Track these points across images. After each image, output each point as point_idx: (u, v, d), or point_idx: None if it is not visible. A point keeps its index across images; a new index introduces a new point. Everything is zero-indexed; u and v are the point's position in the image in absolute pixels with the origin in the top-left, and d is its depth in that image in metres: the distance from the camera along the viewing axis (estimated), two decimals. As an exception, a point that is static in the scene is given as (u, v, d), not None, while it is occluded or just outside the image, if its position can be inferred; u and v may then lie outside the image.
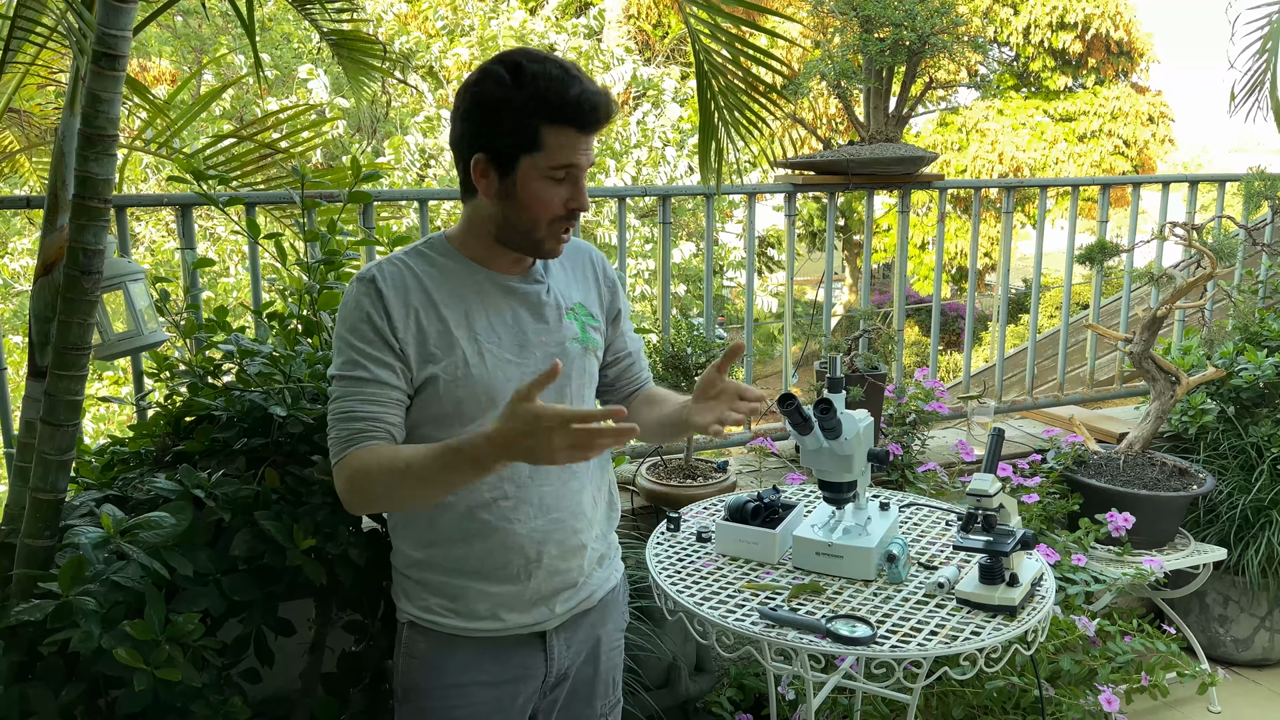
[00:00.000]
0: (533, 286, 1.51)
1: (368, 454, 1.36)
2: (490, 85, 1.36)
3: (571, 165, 1.38)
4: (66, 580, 1.55)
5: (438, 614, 1.51)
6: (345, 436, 1.38)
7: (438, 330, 1.42)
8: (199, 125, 7.18)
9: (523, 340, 1.48)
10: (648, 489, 2.67)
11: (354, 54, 2.61)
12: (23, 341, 6.16)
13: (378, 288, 1.41)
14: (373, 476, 1.35)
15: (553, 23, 8.80)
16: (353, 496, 1.38)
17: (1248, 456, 3.18)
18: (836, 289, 11.74)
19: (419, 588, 1.52)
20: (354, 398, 1.39)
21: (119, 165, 1.77)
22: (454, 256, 1.48)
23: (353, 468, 1.36)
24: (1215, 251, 2.97)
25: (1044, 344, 5.84)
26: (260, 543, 1.75)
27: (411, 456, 1.33)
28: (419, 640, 1.53)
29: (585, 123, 1.37)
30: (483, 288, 1.47)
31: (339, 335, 1.43)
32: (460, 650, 1.51)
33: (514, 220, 1.42)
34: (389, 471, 1.33)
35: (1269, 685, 3.17)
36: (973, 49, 3.49)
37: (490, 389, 1.44)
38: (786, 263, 3.31)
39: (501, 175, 1.39)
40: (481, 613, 1.49)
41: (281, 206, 2.55)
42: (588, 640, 1.62)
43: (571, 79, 1.35)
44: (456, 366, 1.42)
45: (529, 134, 1.36)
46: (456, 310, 1.44)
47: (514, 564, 1.49)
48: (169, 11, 2.35)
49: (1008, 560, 1.79)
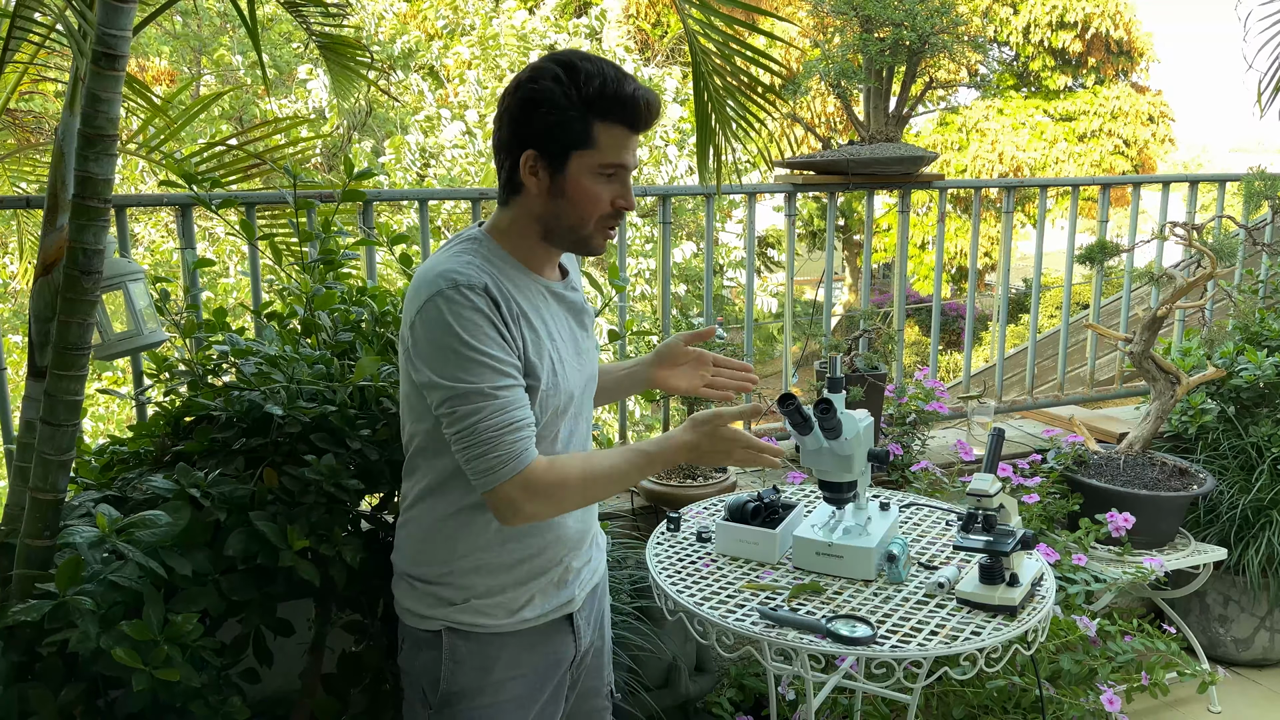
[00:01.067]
0: (575, 295, 1.56)
1: (552, 465, 1.40)
2: (545, 82, 1.37)
3: (621, 165, 1.41)
4: (64, 580, 1.55)
5: (482, 614, 1.51)
6: (518, 451, 1.36)
7: (532, 339, 1.43)
8: (198, 126, 7.18)
9: (577, 347, 1.54)
10: (648, 489, 2.67)
11: (341, 58, 2.62)
12: (23, 341, 6.16)
13: (492, 296, 1.38)
14: (570, 487, 1.41)
15: (552, 22, 8.80)
16: (539, 503, 1.39)
17: (1248, 456, 3.18)
18: (836, 289, 11.73)
19: (459, 592, 1.51)
20: (512, 407, 1.37)
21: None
22: (508, 260, 1.47)
23: (549, 476, 1.38)
24: (1215, 251, 2.97)
25: (1044, 344, 5.85)
26: (254, 543, 1.75)
27: (607, 464, 1.43)
28: (460, 644, 1.52)
29: (637, 121, 1.40)
30: (545, 296, 1.50)
31: (461, 344, 1.35)
32: (506, 647, 1.53)
33: (563, 217, 1.43)
34: (585, 482, 1.42)
35: (1269, 685, 3.17)
36: (973, 49, 3.49)
37: (570, 395, 1.50)
38: (786, 263, 3.31)
39: (553, 172, 1.40)
40: (522, 604, 1.52)
41: (279, 207, 2.55)
42: (598, 614, 1.70)
43: (626, 78, 1.38)
44: (549, 375, 1.45)
45: (582, 130, 1.37)
46: (537, 317, 1.46)
47: (559, 554, 1.55)
48: (168, 12, 2.35)
49: (1008, 560, 1.79)
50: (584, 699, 1.70)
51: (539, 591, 1.53)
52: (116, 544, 1.62)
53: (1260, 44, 3.34)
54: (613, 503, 2.74)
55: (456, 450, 1.38)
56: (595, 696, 1.74)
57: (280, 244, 2.31)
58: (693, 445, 1.45)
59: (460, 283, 1.36)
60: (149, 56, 8.91)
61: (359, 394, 1.95)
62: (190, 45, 9.17)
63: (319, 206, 2.24)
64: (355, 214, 2.72)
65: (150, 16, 2.13)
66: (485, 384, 1.35)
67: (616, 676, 2.26)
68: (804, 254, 13.55)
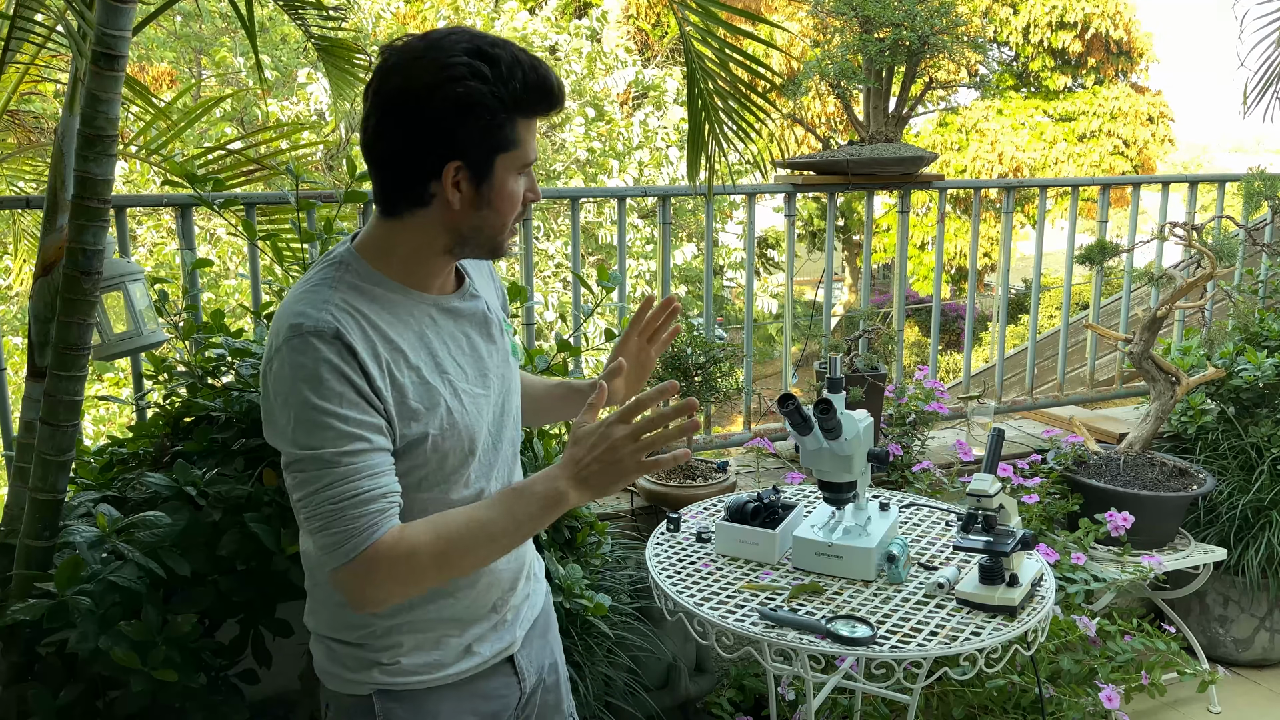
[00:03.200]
0: (474, 303, 1.35)
1: (400, 538, 1.18)
2: (472, 83, 1.17)
3: (533, 157, 1.27)
4: (63, 580, 1.55)
5: (415, 673, 1.35)
6: (363, 526, 1.16)
7: (414, 381, 1.24)
8: (199, 127, 7.18)
9: (482, 369, 1.34)
10: (647, 489, 2.67)
11: (339, 60, 2.62)
12: (22, 342, 6.16)
13: (347, 342, 1.17)
14: (421, 561, 1.18)
15: (553, 23, 8.80)
16: (382, 587, 1.18)
17: (1248, 457, 3.18)
18: (836, 289, 11.73)
19: (388, 652, 1.34)
20: (359, 475, 1.17)
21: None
22: (384, 282, 1.26)
23: (392, 555, 1.17)
24: (1215, 251, 2.97)
25: (1044, 344, 5.84)
26: (248, 544, 1.74)
27: (465, 518, 1.21)
28: (396, 707, 1.35)
29: (555, 108, 1.25)
30: (433, 317, 1.29)
31: (304, 404, 1.16)
32: (444, 701, 1.38)
33: (484, 227, 1.25)
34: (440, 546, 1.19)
35: (1269, 685, 3.16)
36: (972, 49, 3.49)
37: (471, 432, 1.30)
38: (786, 263, 3.31)
39: (478, 182, 1.22)
40: (458, 655, 1.38)
41: (280, 208, 2.55)
42: (543, 650, 1.54)
43: (537, 61, 1.22)
44: (441, 418, 1.25)
45: (510, 131, 1.21)
46: (420, 350, 1.26)
47: (494, 599, 1.40)
48: (168, 12, 2.35)
49: (1008, 560, 1.79)
50: None
51: (475, 640, 1.39)
52: (116, 544, 1.63)
53: (1254, 43, 3.35)
54: (612, 503, 2.74)
55: (301, 521, 1.20)
56: None
57: (281, 245, 2.32)
58: (564, 459, 1.19)
59: (307, 329, 1.16)
60: (150, 61, 8.91)
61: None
62: (191, 46, 9.17)
63: (319, 207, 2.24)
64: (356, 215, 2.72)
65: (150, 17, 2.13)
66: (328, 449, 1.15)
67: (616, 677, 2.26)
68: (804, 254, 13.56)
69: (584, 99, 8.67)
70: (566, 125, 8.40)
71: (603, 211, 8.18)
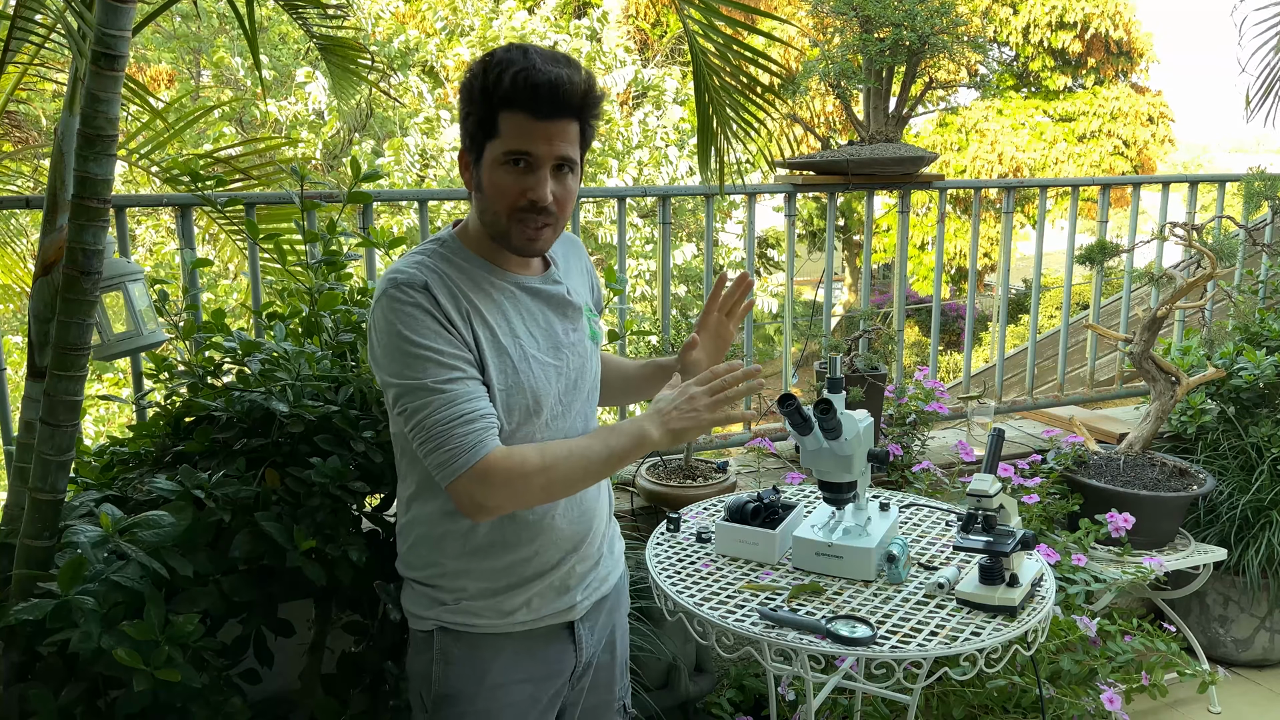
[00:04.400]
0: (556, 288, 1.52)
1: (510, 453, 1.35)
2: (467, 77, 1.37)
3: (526, 153, 1.35)
4: (66, 580, 1.55)
5: (476, 615, 1.48)
6: (472, 443, 1.32)
7: (488, 337, 1.41)
8: (197, 128, 7.18)
9: (556, 342, 1.49)
10: (648, 489, 2.67)
11: (342, 60, 2.62)
12: (22, 342, 6.15)
13: (433, 294, 1.36)
14: (529, 474, 1.35)
15: (552, 23, 8.80)
16: (496, 495, 1.34)
17: (1248, 457, 3.18)
18: (836, 289, 11.73)
19: (453, 594, 1.49)
20: (462, 399, 1.33)
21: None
22: (472, 259, 1.45)
23: (505, 466, 1.33)
24: (1215, 252, 2.97)
25: (1044, 344, 5.84)
26: (260, 544, 1.75)
27: (568, 446, 1.39)
28: (453, 645, 1.49)
29: (537, 106, 1.33)
30: (514, 292, 1.46)
31: (404, 341, 1.34)
32: (501, 649, 1.50)
33: (485, 212, 1.42)
34: (546, 466, 1.35)
35: (1269, 685, 3.17)
36: (972, 49, 3.49)
37: (537, 394, 1.44)
38: (786, 263, 3.31)
39: (475, 167, 1.40)
40: (517, 606, 1.49)
41: (279, 209, 2.55)
42: (606, 627, 1.64)
43: (541, 66, 1.32)
44: (508, 373, 1.41)
45: (489, 120, 1.35)
46: (497, 314, 1.43)
47: (555, 557, 1.50)
48: (167, 12, 2.35)
49: (1008, 561, 1.79)
50: (591, 714, 1.66)
51: (536, 595, 1.50)
52: (119, 544, 1.63)
53: (1254, 48, 3.35)
54: (613, 503, 2.74)
55: (415, 448, 1.36)
56: (606, 711, 1.69)
57: (284, 244, 2.32)
58: (656, 411, 1.39)
59: (401, 281, 1.36)
60: (149, 62, 8.90)
61: (360, 395, 1.95)
62: (189, 46, 9.17)
63: (321, 207, 2.24)
64: (355, 215, 2.72)
65: (150, 17, 2.13)
66: (429, 379, 1.33)
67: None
68: (804, 254, 13.55)
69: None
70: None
71: (602, 211, 8.18)
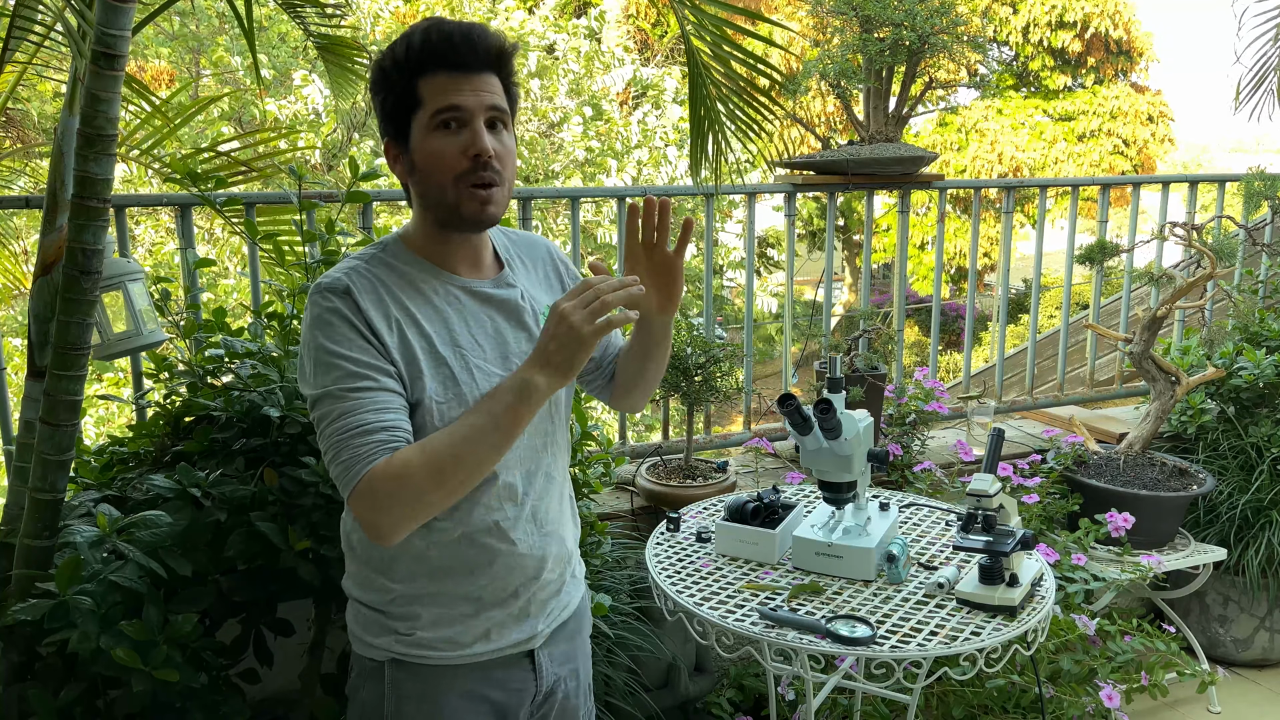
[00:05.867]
0: (507, 292, 1.42)
1: (391, 460, 1.23)
2: (375, 63, 1.33)
3: (455, 107, 1.28)
4: (64, 580, 1.55)
5: (429, 648, 1.38)
6: (365, 453, 1.23)
7: (425, 346, 1.32)
8: (196, 127, 7.17)
9: (505, 351, 1.39)
10: (647, 489, 2.67)
11: (339, 59, 2.62)
12: (22, 342, 6.15)
13: (354, 300, 1.29)
14: (414, 476, 1.22)
15: (551, 23, 8.79)
16: (388, 512, 1.23)
17: (1248, 456, 3.18)
18: (836, 289, 11.74)
19: (405, 622, 1.39)
20: (365, 409, 1.25)
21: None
22: (415, 262, 1.37)
23: (386, 476, 1.22)
24: (1215, 251, 2.97)
25: (1044, 344, 5.84)
26: (255, 543, 1.75)
27: (452, 432, 1.25)
28: (407, 679, 1.40)
29: (452, 56, 1.28)
30: (458, 296, 1.38)
31: (319, 349, 1.28)
32: (457, 682, 1.40)
33: (428, 193, 1.33)
34: (430, 456, 1.23)
35: (1269, 685, 3.17)
36: (972, 49, 3.49)
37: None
38: (786, 263, 3.31)
39: (404, 150, 1.33)
40: (475, 637, 1.40)
41: (278, 208, 2.55)
42: (569, 651, 1.54)
43: (442, 25, 1.29)
44: (446, 384, 1.32)
45: (408, 91, 1.29)
46: (436, 322, 1.35)
47: (515, 584, 1.41)
48: (166, 12, 2.35)
49: (1008, 560, 1.79)
50: None
51: (495, 625, 1.40)
52: (117, 544, 1.63)
53: (1251, 39, 3.35)
54: (612, 503, 2.74)
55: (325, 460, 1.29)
56: None
57: (282, 245, 2.32)
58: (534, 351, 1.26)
59: (324, 286, 1.30)
60: (147, 59, 8.90)
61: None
62: (188, 46, 9.16)
63: (319, 207, 2.24)
64: (355, 214, 2.72)
65: (149, 16, 2.13)
66: (336, 386, 1.26)
67: (616, 677, 2.26)
68: (804, 254, 13.55)
69: (582, 98, 8.66)
70: (565, 125, 8.39)
71: (601, 211, 8.17)
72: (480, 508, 1.36)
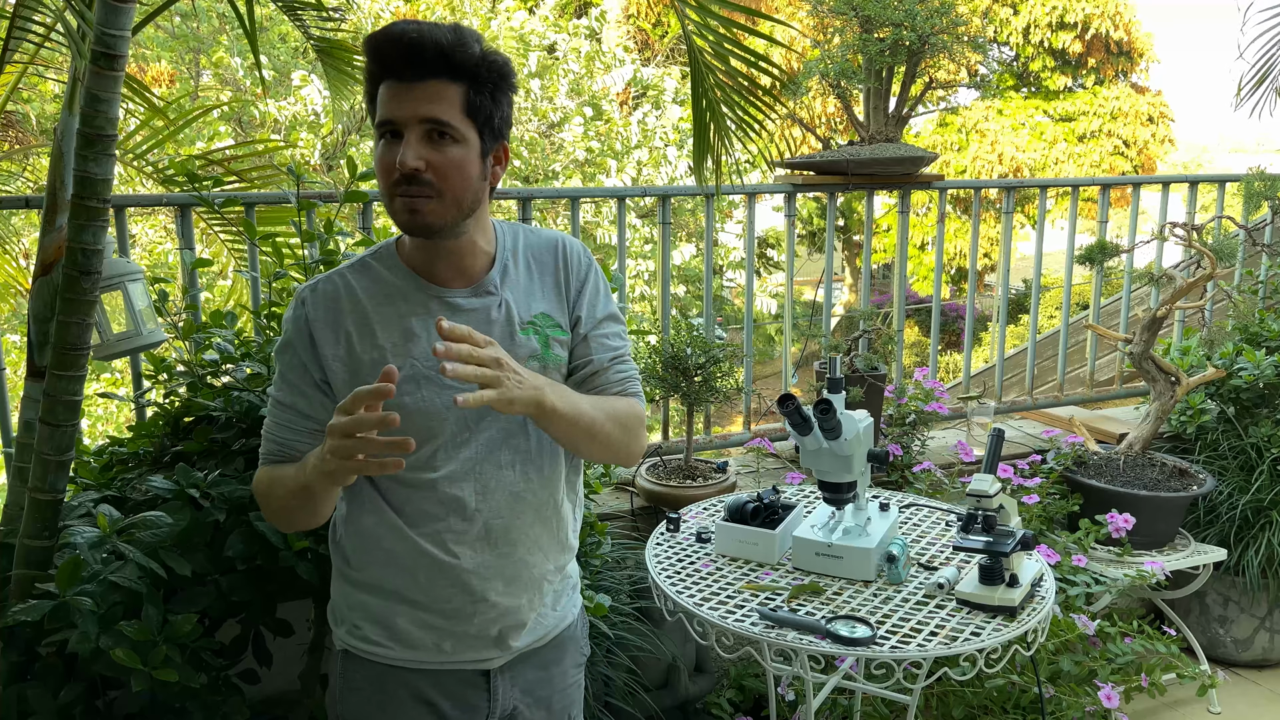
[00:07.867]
0: (481, 301, 1.37)
1: (260, 476, 1.39)
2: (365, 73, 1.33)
3: (388, 120, 1.26)
4: (64, 580, 1.55)
5: (376, 643, 1.39)
6: (263, 453, 1.40)
7: (372, 358, 1.32)
8: (196, 128, 7.17)
9: None
10: (647, 489, 2.67)
11: (338, 61, 2.62)
12: (21, 342, 6.16)
13: (305, 311, 1.36)
14: (260, 495, 1.40)
15: (551, 23, 8.79)
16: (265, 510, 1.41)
17: (1248, 457, 3.18)
18: (836, 289, 11.73)
19: (354, 612, 1.41)
20: (273, 418, 1.39)
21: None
22: (398, 270, 1.37)
23: (256, 486, 1.40)
24: (1215, 252, 2.97)
25: (1044, 344, 5.85)
26: (254, 543, 1.75)
27: (275, 476, 1.37)
28: (356, 671, 1.41)
29: (397, 69, 1.25)
30: (426, 306, 1.35)
31: (275, 355, 1.42)
32: (403, 684, 1.39)
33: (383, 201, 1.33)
34: (258, 488, 1.39)
35: (1269, 686, 3.16)
36: (972, 49, 3.49)
37: (429, 419, 1.32)
38: (786, 263, 3.31)
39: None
40: (423, 642, 1.38)
41: (277, 209, 2.55)
42: (538, 680, 1.47)
43: (389, 28, 1.25)
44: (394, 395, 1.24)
45: (372, 101, 1.29)
46: (394, 332, 1.34)
47: (457, 600, 1.37)
48: (166, 12, 2.35)
49: (1008, 561, 1.78)
50: None
51: (449, 638, 1.38)
52: (117, 544, 1.62)
53: (1253, 36, 3.34)
54: (612, 503, 2.74)
55: None
56: None
57: (281, 245, 2.32)
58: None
59: (297, 293, 1.39)
60: (148, 61, 8.90)
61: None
62: (189, 46, 9.16)
63: (318, 207, 2.24)
64: (354, 214, 2.72)
65: (149, 16, 2.13)
66: (272, 389, 1.40)
67: (616, 678, 2.26)
68: (804, 254, 13.56)
69: (582, 98, 8.66)
70: (565, 125, 8.39)
71: (600, 211, 8.17)
72: (427, 515, 1.35)
